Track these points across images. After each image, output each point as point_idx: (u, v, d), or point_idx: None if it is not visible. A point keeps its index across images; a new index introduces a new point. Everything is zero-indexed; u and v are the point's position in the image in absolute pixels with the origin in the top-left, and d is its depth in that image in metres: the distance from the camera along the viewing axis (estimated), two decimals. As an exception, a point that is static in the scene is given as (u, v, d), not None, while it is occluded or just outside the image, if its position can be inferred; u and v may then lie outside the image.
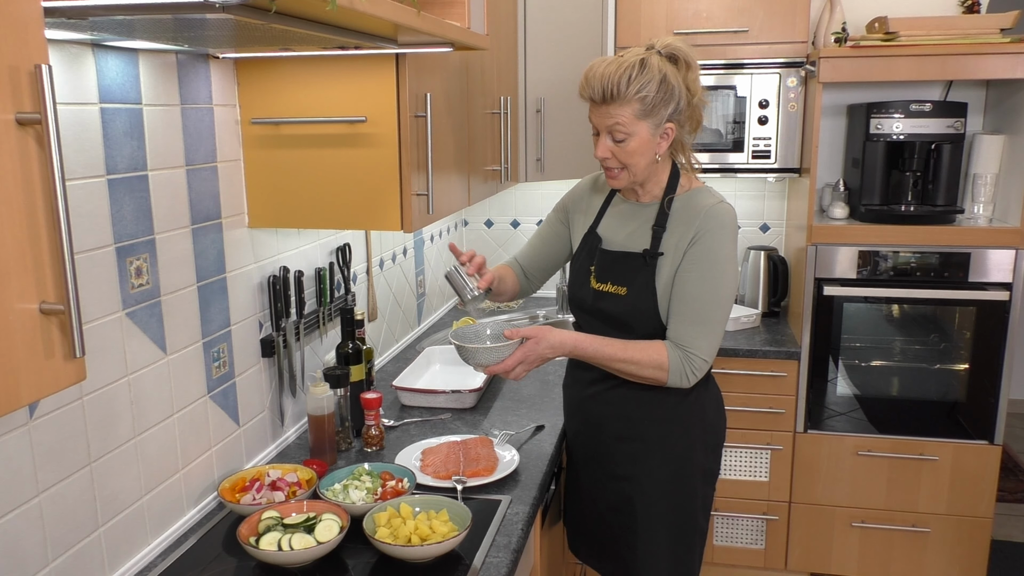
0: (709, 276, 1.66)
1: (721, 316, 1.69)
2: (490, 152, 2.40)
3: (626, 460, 1.81)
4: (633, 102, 1.62)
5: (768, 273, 3.10)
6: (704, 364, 1.68)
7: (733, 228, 1.70)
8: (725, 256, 1.67)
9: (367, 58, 1.64)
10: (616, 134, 1.66)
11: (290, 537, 1.44)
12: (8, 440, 1.19)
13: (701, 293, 1.67)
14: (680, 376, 1.68)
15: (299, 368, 2.00)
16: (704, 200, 1.70)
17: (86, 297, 1.32)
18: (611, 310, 1.76)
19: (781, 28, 2.83)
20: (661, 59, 1.65)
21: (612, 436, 1.83)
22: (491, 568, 1.46)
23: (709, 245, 1.66)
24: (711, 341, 1.68)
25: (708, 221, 1.67)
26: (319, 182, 1.73)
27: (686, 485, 1.81)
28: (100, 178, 1.34)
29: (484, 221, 3.55)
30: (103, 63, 1.34)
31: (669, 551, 1.82)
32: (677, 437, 1.78)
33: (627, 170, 1.70)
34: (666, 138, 1.68)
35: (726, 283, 1.68)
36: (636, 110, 1.63)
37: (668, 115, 1.65)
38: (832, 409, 2.84)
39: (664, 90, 1.62)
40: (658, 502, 1.80)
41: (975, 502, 2.78)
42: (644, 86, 1.61)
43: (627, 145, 1.66)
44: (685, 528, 1.82)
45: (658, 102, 1.63)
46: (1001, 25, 2.56)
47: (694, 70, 1.68)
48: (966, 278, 2.66)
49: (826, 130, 3.11)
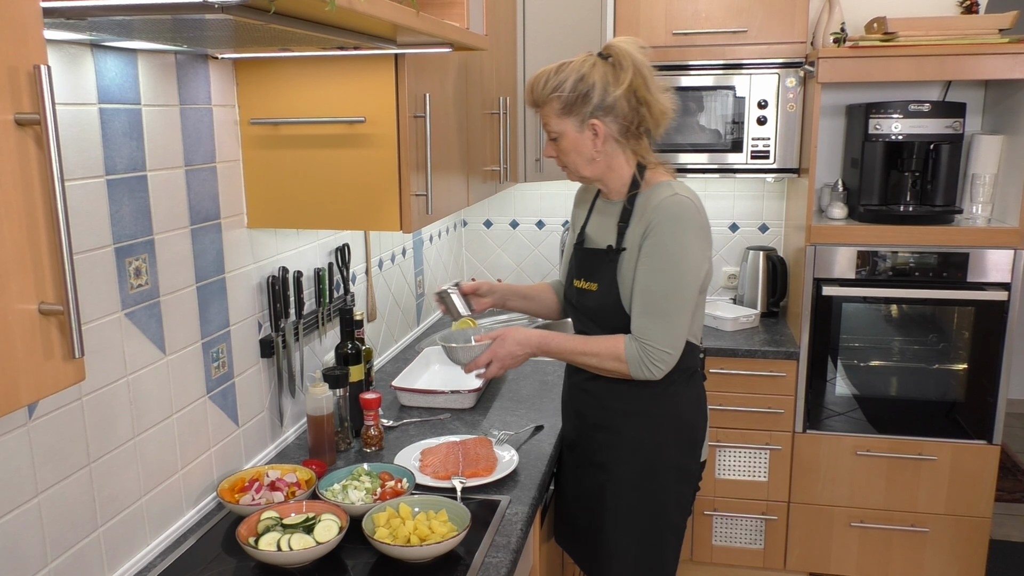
0: (660, 268, 1.69)
1: (675, 307, 1.69)
2: (489, 152, 2.40)
3: (600, 449, 1.86)
4: (552, 101, 1.71)
5: (767, 273, 3.10)
6: (664, 354, 1.69)
7: (687, 219, 1.69)
8: (677, 249, 1.68)
9: (366, 58, 1.64)
10: (549, 133, 1.76)
11: (289, 537, 1.44)
12: (7, 440, 1.19)
13: (653, 285, 1.69)
14: (640, 367, 1.70)
15: (298, 368, 2.00)
16: (660, 194, 1.72)
17: (85, 298, 1.32)
18: (587, 305, 1.83)
19: (780, 28, 2.84)
20: (592, 59, 1.71)
21: (590, 424, 1.88)
22: (490, 568, 1.46)
23: (659, 238, 1.69)
24: (667, 332, 1.69)
25: (658, 214, 1.69)
26: (318, 183, 1.73)
27: (656, 479, 1.82)
28: (99, 178, 1.34)
29: (483, 221, 3.55)
30: (102, 63, 1.34)
31: (637, 544, 1.84)
32: (648, 431, 1.81)
33: (569, 167, 1.80)
34: (596, 135, 1.72)
35: (679, 274, 1.69)
36: (556, 109, 1.72)
37: (590, 111, 1.70)
38: (831, 409, 2.84)
39: (580, 88, 1.69)
40: (628, 494, 1.83)
41: (974, 502, 2.78)
42: (559, 85, 1.69)
43: (560, 143, 1.76)
44: (656, 523, 1.84)
45: (574, 99, 1.69)
46: (1000, 25, 2.56)
47: (626, 68, 1.68)
48: (965, 278, 2.67)
49: (825, 130, 3.11)
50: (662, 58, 2.90)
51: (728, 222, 3.34)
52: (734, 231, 3.34)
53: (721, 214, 3.33)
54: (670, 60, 2.90)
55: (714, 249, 3.35)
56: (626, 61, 1.69)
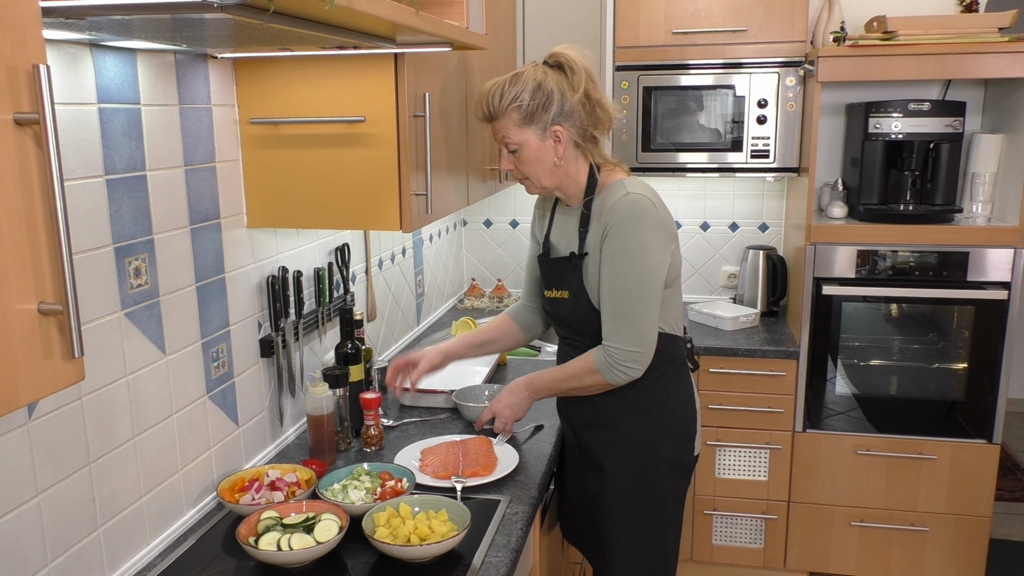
0: (620, 270, 1.70)
1: (639, 306, 1.70)
2: (489, 152, 2.40)
3: (595, 447, 1.88)
4: (511, 112, 1.71)
5: (767, 272, 3.10)
6: (633, 354, 1.71)
7: (641, 216, 1.70)
8: (634, 246, 1.69)
9: (366, 58, 1.64)
10: (509, 145, 1.75)
11: (289, 537, 1.44)
12: (7, 440, 1.19)
13: (615, 287, 1.71)
14: (612, 372, 1.72)
15: (298, 368, 2.00)
16: (614, 194, 1.74)
17: (85, 297, 1.32)
18: (562, 313, 1.86)
19: (780, 27, 2.83)
20: (542, 68, 1.73)
21: (583, 423, 1.90)
22: (490, 568, 1.46)
23: (616, 239, 1.70)
24: (632, 331, 1.71)
25: (613, 214, 1.71)
26: (318, 182, 1.72)
27: (653, 474, 1.84)
28: (99, 178, 1.34)
29: (483, 221, 3.55)
30: (101, 63, 1.34)
31: (639, 540, 1.86)
32: (641, 426, 1.83)
33: (530, 179, 1.78)
34: (558, 141, 1.73)
35: (640, 273, 1.70)
36: (516, 120, 1.71)
37: (552, 119, 1.71)
38: (831, 408, 2.84)
39: (539, 96, 1.70)
40: (625, 489, 1.85)
41: (974, 501, 2.78)
42: (517, 95, 1.69)
43: (521, 154, 1.74)
44: (656, 518, 1.86)
45: (535, 108, 1.70)
46: (999, 24, 2.56)
47: (579, 73, 1.72)
48: (964, 277, 2.66)
49: (825, 129, 3.11)
50: (662, 57, 2.90)
51: (728, 221, 3.34)
52: (734, 230, 3.34)
53: (721, 213, 3.33)
54: (670, 59, 2.90)
55: (714, 248, 3.35)
56: (576, 66, 1.72)
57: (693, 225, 3.35)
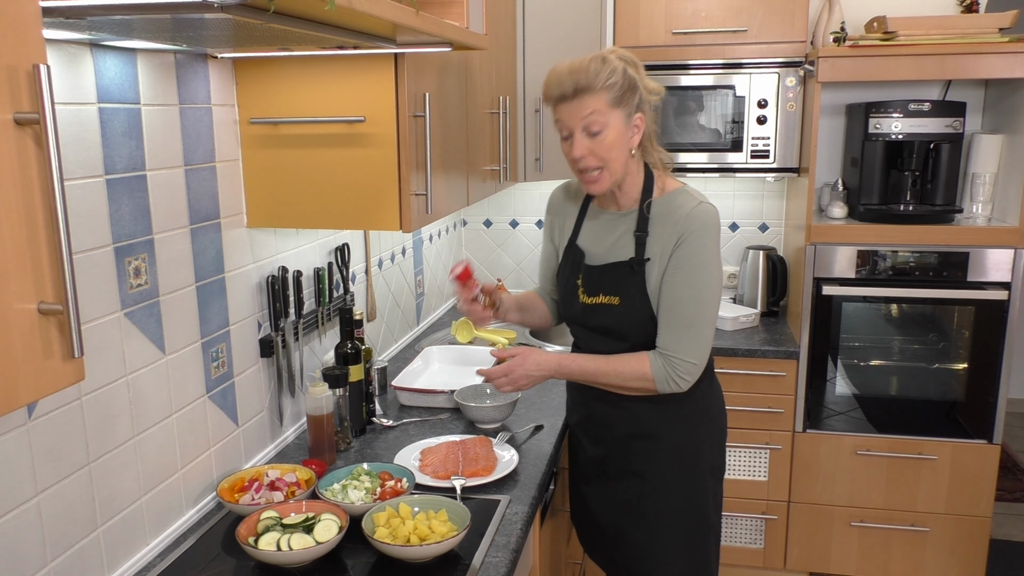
0: (693, 279, 1.67)
1: (706, 318, 1.70)
2: (489, 152, 2.40)
3: (638, 458, 1.82)
4: (605, 90, 1.62)
5: (767, 273, 3.10)
6: (692, 366, 1.69)
7: (716, 228, 1.70)
8: (708, 258, 1.68)
9: (366, 58, 1.64)
10: (592, 126, 1.63)
11: (289, 537, 1.44)
12: (7, 440, 1.19)
13: (685, 296, 1.68)
14: (666, 382, 1.69)
15: (298, 368, 2.00)
16: (685, 202, 1.71)
17: (84, 297, 1.32)
18: (604, 322, 1.78)
19: (780, 28, 2.83)
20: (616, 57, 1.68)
21: (624, 435, 1.83)
22: (490, 568, 1.46)
23: (693, 248, 1.67)
24: (697, 344, 1.69)
25: (691, 223, 1.67)
26: (318, 182, 1.72)
27: (697, 482, 1.82)
28: (98, 178, 1.34)
29: (483, 221, 3.55)
30: (101, 63, 1.34)
31: (684, 550, 1.83)
32: (686, 434, 1.80)
33: (606, 168, 1.67)
34: (637, 130, 1.69)
35: (711, 284, 1.69)
36: (608, 98, 1.63)
37: (637, 105, 1.67)
38: (831, 409, 2.84)
39: (628, 79, 1.65)
40: (671, 499, 1.81)
41: (974, 501, 2.78)
42: (612, 74, 1.63)
43: (604, 138, 1.64)
44: (699, 526, 1.84)
45: (626, 89, 1.64)
46: (1000, 24, 2.56)
47: (643, 72, 1.70)
48: (965, 277, 2.66)
49: (825, 130, 3.11)
50: (662, 57, 2.90)
51: (728, 221, 3.33)
52: (734, 230, 3.34)
53: (721, 213, 3.26)
54: (670, 59, 2.90)
55: (714, 248, 3.35)
56: (640, 66, 1.70)
57: (693, 225, 3.34)
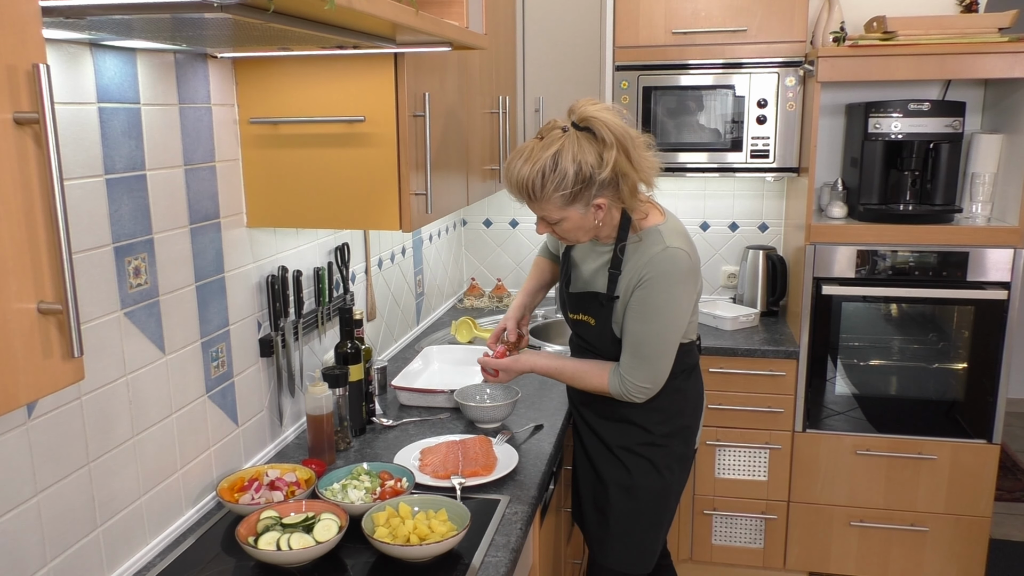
0: (648, 319, 1.77)
1: (659, 352, 1.79)
2: (489, 151, 2.40)
3: (608, 437, 1.95)
4: (553, 199, 1.68)
5: (767, 272, 3.10)
6: (646, 389, 1.80)
7: (677, 273, 1.74)
8: (664, 303, 1.76)
9: (365, 58, 1.64)
10: (549, 220, 1.74)
11: (289, 537, 1.44)
12: (6, 440, 1.19)
13: (640, 332, 1.78)
14: (621, 397, 1.82)
15: (298, 368, 2.00)
16: (652, 245, 1.76)
17: (84, 297, 1.32)
18: (585, 335, 1.94)
19: (779, 27, 2.83)
20: (575, 139, 1.64)
21: (598, 414, 1.96)
22: (490, 567, 1.46)
23: (649, 291, 1.75)
24: (648, 372, 1.79)
25: (651, 269, 1.74)
26: (318, 182, 1.72)
27: (660, 468, 1.92)
28: (98, 178, 1.34)
29: (483, 221, 3.55)
30: (101, 63, 1.34)
31: (639, 528, 1.95)
32: (654, 423, 1.90)
33: (567, 239, 1.81)
34: (600, 210, 1.72)
35: (668, 326, 1.78)
36: (558, 203, 1.69)
37: (594, 194, 1.69)
38: (831, 408, 2.84)
39: (581, 177, 1.64)
40: (633, 479, 1.92)
41: (973, 501, 2.78)
42: (560, 184, 1.64)
43: (563, 226, 1.75)
44: (656, 508, 1.95)
45: (578, 191, 1.66)
46: (999, 24, 2.56)
47: (611, 149, 1.63)
48: (964, 277, 2.66)
49: (824, 129, 3.11)
50: (662, 57, 2.90)
51: (728, 221, 3.33)
52: (734, 230, 3.34)
53: (721, 213, 3.33)
54: (669, 59, 2.90)
55: (714, 248, 3.35)
56: (607, 136, 1.64)
57: (693, 225, 3.35)
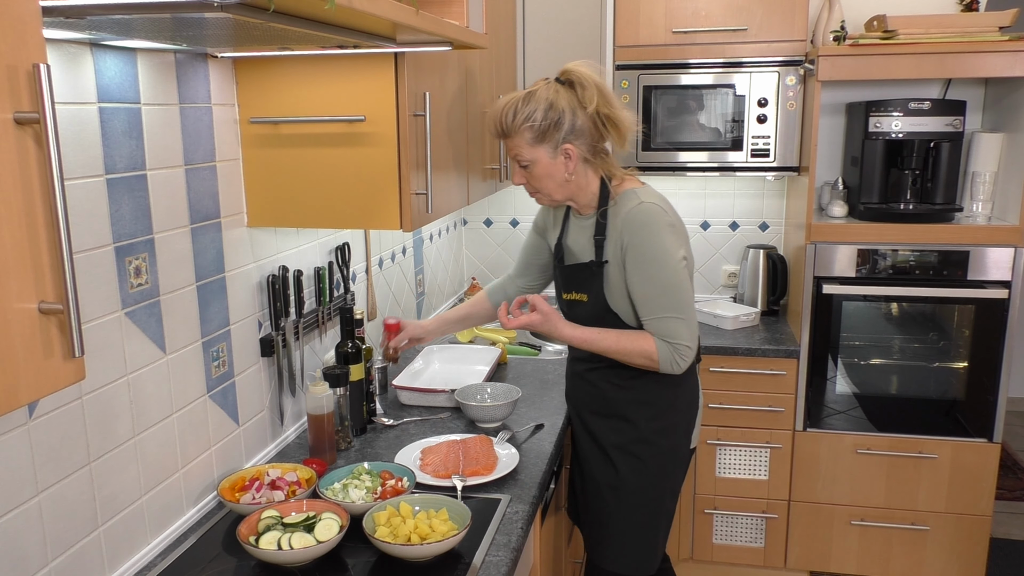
0: (651, 274, 1.76)
1: (682, 302, 1.77)
2: (489, 151, 2.40)
3: (601, 434, 1.94)
4: (523, 131, 1.75)
5: (767, 271, 3.10)
6: (689, 350, 1.79)
7: (654, 222, 1.76)
8: (656, 250, 1.76)
9: (366, 57, 1.64)
10: (520, 160, 1.80)
11: (290, 536, 1.44)
12: (7, 440, 1.19)
13: (652, 291, 1.77)
14: (670, 364, 1.79)
15: (298, 367, 2.00)
16: (626, 204, 1.80)
17: (85, 297, 1.32)
18: (581, 315, 1.90)
19: (780, 26, 2.83)
20: (554, 86, 1.76)
21: (591, 411, 1.96)
22: (491, 567, 1.46)
23: (637, 248, 1.77)
24: (687, 326, 1.78)
25: (629, 224, 1.77)
26: (318, 181, 1.72)
27: (654, 466, 1.91)
28: (99, 177, 1.34)
29: (483, 220, 3.55)
30: (101, 62, 1.34)
31: (635, 528, 1.93)
32: (647, 419, 1.89)
33: (541, 192, 1.84)
34: (568, 158, 1.78)
35: (672, 271, 1.76)
36: (528, 138, 1.75)
37: (563, 137, 1.75)
38: (831, 407, 2.84)
39: (551, 115, 1.74)
40: (628, 478, 1.90)
41: (974, 500, 2.78)
42: (530, 115, 1.73)
43: (532, 170, 1.80)
44: (652, 508, 1.93)
45: (547, 127, 1.74)
46: (1000, 23, 2.56)
47: (589, 89, 1.74)
48: (965, 276, 2.66)
49: (825, 128, 3.11)
50: (662, 56, 2.90)
51: (728, 220, 3.33)
52: (734, 229, 3.34)
53: (721, 212, 3.33)
54: (670, 58, 2.90)
55: (714, 247, 3.35)
56: (588, 83, 1.75)
57: (693, 224, 3.35)
